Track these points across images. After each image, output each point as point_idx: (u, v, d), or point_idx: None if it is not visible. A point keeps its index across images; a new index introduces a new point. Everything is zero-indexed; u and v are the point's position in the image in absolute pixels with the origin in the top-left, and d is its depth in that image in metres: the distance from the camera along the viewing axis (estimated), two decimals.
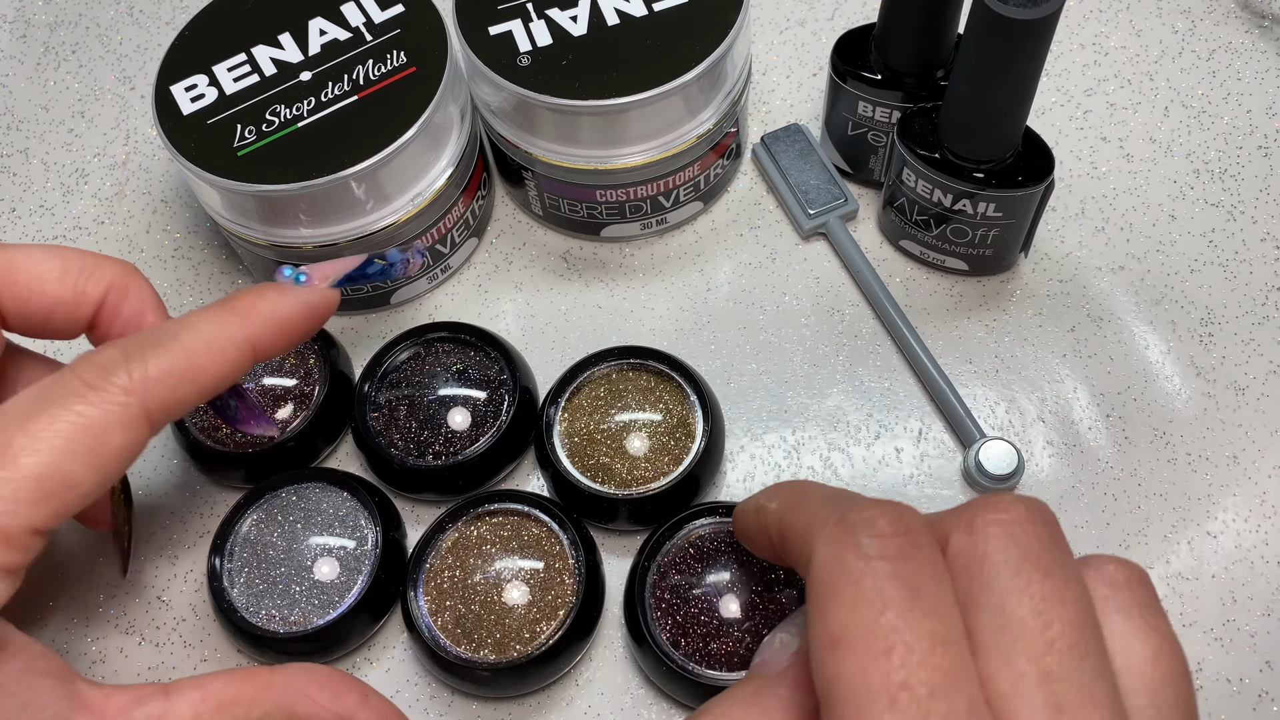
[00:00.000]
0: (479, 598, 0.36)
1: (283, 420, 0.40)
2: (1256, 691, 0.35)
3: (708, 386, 0.39)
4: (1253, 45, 0.49)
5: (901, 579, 0.24)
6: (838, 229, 0.44)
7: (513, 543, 0.37)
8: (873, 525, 0.25)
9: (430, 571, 0.36)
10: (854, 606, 0.24)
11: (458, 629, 0.35)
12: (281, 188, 0.37)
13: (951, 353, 0.42)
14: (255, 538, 0.37)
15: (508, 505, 0.37)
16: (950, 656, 0.23)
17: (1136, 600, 0.26)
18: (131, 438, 0.28)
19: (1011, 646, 0.24)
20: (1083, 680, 0.24)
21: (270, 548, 0.37)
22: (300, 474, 0.38)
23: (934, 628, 0.23)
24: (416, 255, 0.39)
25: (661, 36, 0.39)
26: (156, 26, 0.54)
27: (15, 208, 0.48)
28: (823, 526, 0.26)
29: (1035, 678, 0.23)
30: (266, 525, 0.38)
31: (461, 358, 0.40)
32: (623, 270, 0.45)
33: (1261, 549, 0.38)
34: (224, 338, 0.30)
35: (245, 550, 0.37)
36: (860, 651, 0.23)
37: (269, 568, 0.37)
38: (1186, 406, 0.40)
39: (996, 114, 0.37)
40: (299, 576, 0.37)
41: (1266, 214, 0.44)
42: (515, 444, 0.39)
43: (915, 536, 0.25)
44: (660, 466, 0.38)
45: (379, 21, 0.41)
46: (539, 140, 0.41)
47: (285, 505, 0.38)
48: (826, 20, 0.51)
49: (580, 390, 0.39)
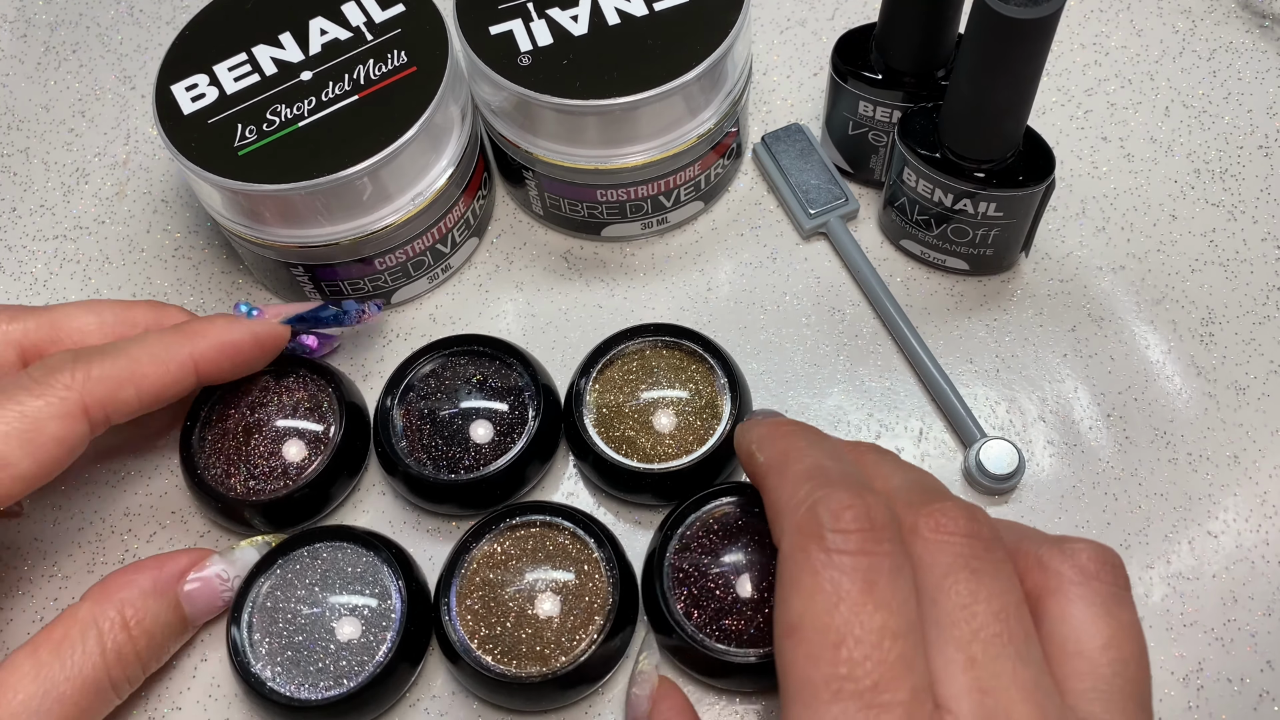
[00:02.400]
0: (513, 613, 0.35)
1: (303, 462, 0.38)
2: (1257, 691, 0.35)
3: (739, 369, 0.39)
4: (1253, 45, 0.49)
5: (859, 572, 0.26)
6: (838, 229, 0.44)
7: (539, 554, 0.36)
8: (839, 519, 0.27)
9: (461, 594, 0.36)
10: (811, 597, 0.26)
11: (497, 649, 0.35)
12: (282, 187, 0.37)
13: (952, 352, 0.42)
14: (274, 605, 0.36)
15: (532, 517, 0.37)
16: (897, 649, 0.25)
17: (1102, 590, 0.28)
18: (67, 429, 0.31)
19: (940, 636, 0.26)
20: (1005, 665, 0.26)
21: (290, 613, 0.35)
22: (312, 534, 0.37)
23: (884, 621, 0.25)
24: (373, 307, 0.41)
25: (662, 36, 0.39)
26: (157, 26, 0.54)
27: (15, 207, 0.48)
28: (794, 511, 0.28)
29: (962, 664, 0.26)
30: (284, 591, 0.36)
31: (480, 369, 0.40)
32: (623, 270, 0.45)
33: (1262, 549, 0.38)
34: (168, 352, 0.34)
35: (264, 618, 0.35)
36: (812, 642, 0.25)
37: (292, 634, 0.35)
38: (1187, 406, 0.40)
39: (997, 114, 0.37)
40: (324, 639, 0.35)
41: (1267, 214, 0.44)
42: (546, 448, 0.39)
43: (879, 531, 0.27)
44: (685, 445, 0.38)
45: (379, 21, 0.41)
46: (540, 140, 0.41)
47: (301, 569, 0.36)
48: (827, 20, 0.51)
49: (613, 363, 0.40)
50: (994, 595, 0.27)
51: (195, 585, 0.35)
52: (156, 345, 0.34)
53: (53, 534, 0.40)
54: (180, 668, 0.37)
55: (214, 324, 0.36)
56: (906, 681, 0.25)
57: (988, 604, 0.26)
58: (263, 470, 0.38)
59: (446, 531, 0.39)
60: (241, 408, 0.39)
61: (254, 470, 0.38)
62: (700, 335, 0.40)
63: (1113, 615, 0.27)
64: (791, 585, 0.27)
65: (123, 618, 0.33)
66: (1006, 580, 0.27)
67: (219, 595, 0.36)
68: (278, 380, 0.39)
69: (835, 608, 0.25)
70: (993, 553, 0.28)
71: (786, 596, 0.27)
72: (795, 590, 0.26)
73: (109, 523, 0.40)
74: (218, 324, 0.36)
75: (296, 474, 0.38)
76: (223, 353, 0.36)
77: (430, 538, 0.39)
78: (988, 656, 0.26)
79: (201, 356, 0.35)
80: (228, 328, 0.36)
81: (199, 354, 0.35)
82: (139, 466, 0.41)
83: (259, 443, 0.38)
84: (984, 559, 0.27)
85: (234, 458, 0.38)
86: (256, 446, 0.38)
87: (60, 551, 0.40)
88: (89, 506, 0.41)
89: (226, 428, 0.39)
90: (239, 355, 0.36)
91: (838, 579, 0.26)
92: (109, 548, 0.40)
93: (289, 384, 0.39)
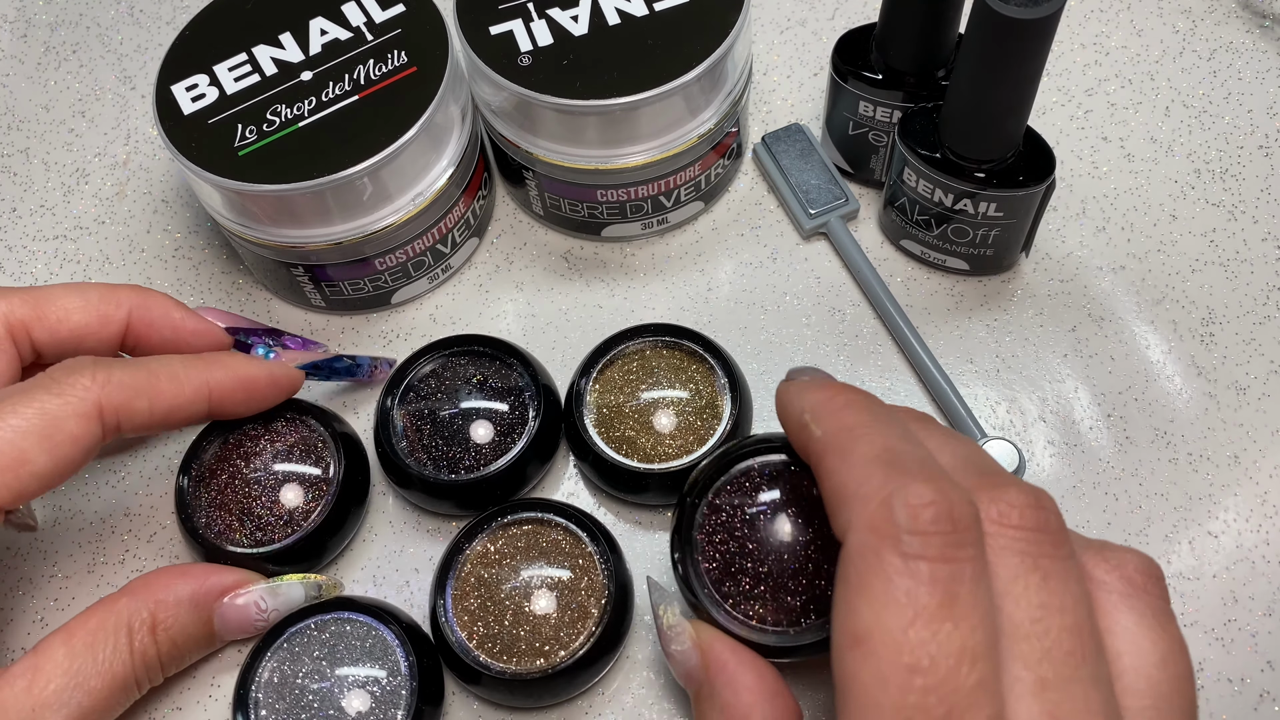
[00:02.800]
0: (510, 611, 0.35)
1: (309, 508, 0.38)
2: (1258, 691, 0.35)
3: (739, 370, 0.39)
4: (1253, 45, 0.49)
5: (939, 584, 0.23)
6: (839, 229, 0.44)
7: (533, 551, 0.36)
8: (917, 518, 0.23)
9: (457, 594, 0.35)
10: (883, 607, 0.23)
11: (495, 646, 0.35)
12: (282, 187, 0.37)
13: (952, 352, 0.42)
14: (280, 682, 0.35)
15: (523, 515, 0.37)
16: (976, 674, 0.22)
17: (1151, 604, 0.26)
18: (84, 429, 0.31)
19: (1009, 651, 0.23)
20: (1077, 690, 0.23)
21: (297, 690, 0.34)
22: (318, 608, 0.36)
23: (963, 642, 0.23)
24: (385, 365, 0.41)
25: (662, 36, 0.39)
26: (157, 26, 0.54)
27: (16, 208, 0.48)
28: (865, 504, 0.24)
29: (1032, 686, 0.23)
30: (290, 667, 0.35)
31: (480, 369, 0.40)
32: (623, 270, 0.45)
33: (1263, 549, 0.38)
34: (185, 374, 0.34)
35: (271, 696, 0.34)
36: (882, 660, 0.23)
37: (299, 712, 0.34)
38: (1188, 406, 0.40)
39: (997, 114, 0.37)
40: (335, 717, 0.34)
41: (1267, 214, 0.44)
42: (546, 448, 0.39)
43: (961, 533, 0.24)
44: (685, 445, 0.38)
45: (380, 21, 0.41)
46: (540, 140, 0.41)
47: (306, 643, 0.35)
48: (827, 20, 0.51)
49: (614, 363, 0.40)
50: (1067, 607, 0.24)
51: (232, 607, 0.35)
52: (176, 365, 0.35)
53: (53, 534, 0.40)
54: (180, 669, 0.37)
55: (234, 357, 0.37)
56: (983, 711, 0.22)
57: (1060, 616, 0.24)
58: (267, 520, 0.37)
59: (447, 532, 0.39)
60: (234, 460, 0.38)
61: (259, 523, 0.37)
62: (700, 335, 0.40)
63: (1166, 630, 0.25)
64: (860, 590, 0.24)
65: (154, 620, 0.34)
66: (1077, 585, 0.25)
67: (252, 622, 0.35)
68: (266, 425, 0.38)
69: (911, 624, 0.22)
70: (1061, 549, 0.25)
71: (853, 602, 0.24)
72: (865, 597, 0.23)
73: (109, 523, 0.40)
74: (237, 358, 0.37)
75: (303, 518, 0.37)
76: (239, 386, 0.36)
77: (430, 538, 0.39)
78: (1060, 679, 0.23)
79: (217, 385, 0.35)
80: (245, 362, 0.37)
81: (215, 382, 0.35)
82: (139, 467, 0.41)
83: (258, 494, 0.38)
84: (1054, 559, 0.25)
85: (234, 510, 0.37)
86: (257, 498, 0.38)
87: (60, 551, 0.40)
88: (89, 506, 0.41)
89: (222, 481, 0.38)
90: (254, 391, 0.37)
91: (914, 590, 0.23)
92: (109, 548, 0.40)
93: (278, 428, 0.38)
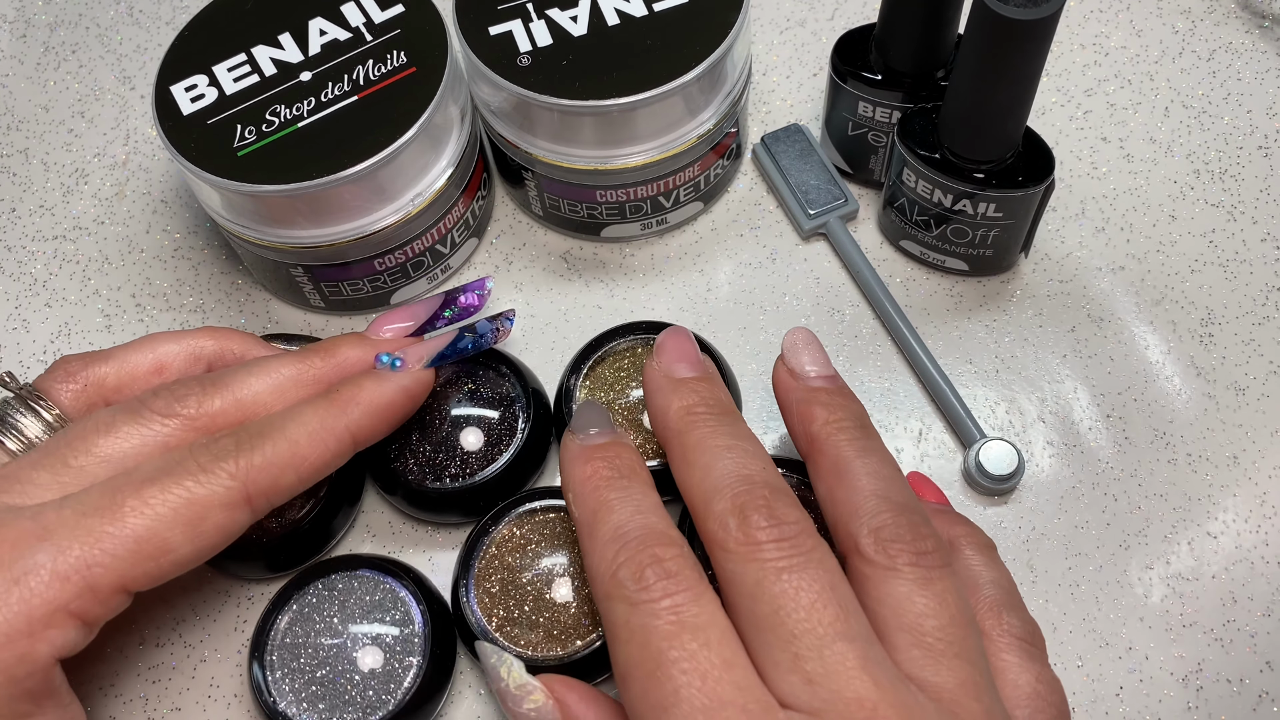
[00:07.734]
0: (531, 597, 0.35)
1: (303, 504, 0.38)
2: (1257, 692, 0.35)
3: (728, 366, 0.39)
4: (1253, 45, 0.49)
5: (662, 614, 0.28)
6: (838, 229, 0.44)
7: (558, 540, 0.36)
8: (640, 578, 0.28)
9: (479, 576, 0.36)
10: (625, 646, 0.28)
11: (514, 630, 0.35)
12: (281, 188, 0.37)
13: (951, 353, 0.42)
14: (293, 641, 0.35)
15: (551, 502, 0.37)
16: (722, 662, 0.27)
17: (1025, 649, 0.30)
18: (230, 518, 0.31)
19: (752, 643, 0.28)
20: (831, 651, 0.27)
21: (311, 648, 0.35)
22: (327, 565, 0.36)
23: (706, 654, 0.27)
24: (506, 322, 0.39)
25: (661, 36, 0.39)
26: (156, 26, 0.54)
27: (15, 208, 0.48)
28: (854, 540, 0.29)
29: (788, 663, 0.27)
30: (302, 625, 0.35)
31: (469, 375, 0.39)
32: (623, 270, 0.45)
33: (1262, 549, 0.38)
34: (325, 429, 0.33)
35: (285, 654, 0.35)
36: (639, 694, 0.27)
37: (315, 668, 0.34)
38: (1187, 407, 0.40)
39: (997, 114, 0.37)
40: (349, 671, 0.34)
41: (1267, 214, 0.44)
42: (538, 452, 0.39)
43: (671, 579, 0.28)
44: None
45: (379, 21, 0.41)
46: (539, 140, 0.41)
47: (319, 600, 0.36)
48: (826, 20, 0.51)
49: (604, 361, 0.40)
50: (820, 605, 0.28)
51: None
52: (313, 422, 0.33)
53: None
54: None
55: (363, 388, 0.34)
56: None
57: (795, 606, 0.28)
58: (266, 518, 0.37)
59: (441, 540, 0.39)
60: None
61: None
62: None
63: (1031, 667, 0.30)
64: (612, 639, 0.28)
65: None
66: (819, 572, 0.28)
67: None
68: None
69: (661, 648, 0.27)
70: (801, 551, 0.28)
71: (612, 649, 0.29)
72: (614, 643, 0.28)
73: None
74: (367, 387, 0.34)
75: (297, 515, 0.37)
76: (378, 418, 0.35)
77: (427, 542, 0.39)
78: (809, 650, 0.27)
79: (358, 427, 0.34)
80: (378, 389, 0.35)
81: (355, 425, 0.34)
82: None
83: None
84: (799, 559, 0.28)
85: None
86: None
87: None
88: None
89: None
90: (393, 415, 0.35)
91: (647, 625, 0.27)
92: None
93: None
